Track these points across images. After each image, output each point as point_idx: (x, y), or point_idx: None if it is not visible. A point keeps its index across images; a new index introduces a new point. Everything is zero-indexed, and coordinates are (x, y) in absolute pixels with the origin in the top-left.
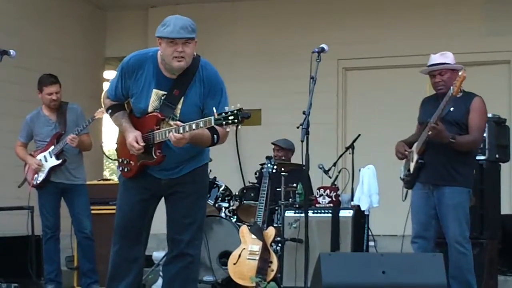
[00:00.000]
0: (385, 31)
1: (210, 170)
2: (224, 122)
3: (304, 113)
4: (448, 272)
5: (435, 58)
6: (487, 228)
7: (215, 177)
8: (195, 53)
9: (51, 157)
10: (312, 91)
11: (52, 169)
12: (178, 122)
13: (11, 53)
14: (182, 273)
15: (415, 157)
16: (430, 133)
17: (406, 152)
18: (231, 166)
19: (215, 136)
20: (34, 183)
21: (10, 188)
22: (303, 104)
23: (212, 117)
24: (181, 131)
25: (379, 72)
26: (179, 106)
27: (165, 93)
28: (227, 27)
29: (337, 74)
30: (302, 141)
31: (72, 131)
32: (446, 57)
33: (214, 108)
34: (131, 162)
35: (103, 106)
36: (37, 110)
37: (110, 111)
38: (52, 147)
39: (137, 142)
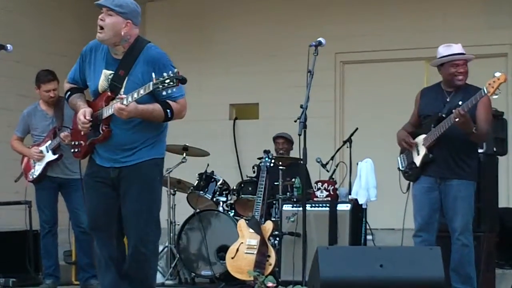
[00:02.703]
0: (383, 24)
1: (208, 165)
2: (161, 86)
3: (301, 107)
4: (449, 265)
5: (458, 48)
6: (485, 221)
7: (212, 171)
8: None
9: (47, 151)
10: (310, 85)
11: (49, 164)
12: (123, 95)
13: (8, 48)
14: (139, 273)
15: (423, 150)
16: (457, 120)
17: (412, 143)
18: (229, 160)
19: (168, 111)
20: (31, 177)
21: (8, 183)
22: (301, 98)
23: (151, 83)
24: (124, 102)
25: (377, 66)
26: (124, 85)
27: (112, 72)
28: (224, 22)
29: (334, 67)
30: (299, 135)
31: (69, 126)
32: (463, 49)
33: (153, 74)
34: (81, 142)
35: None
36: (34, 105)
37: (68, 93)
38: (49, 141)
39: (84, 116)
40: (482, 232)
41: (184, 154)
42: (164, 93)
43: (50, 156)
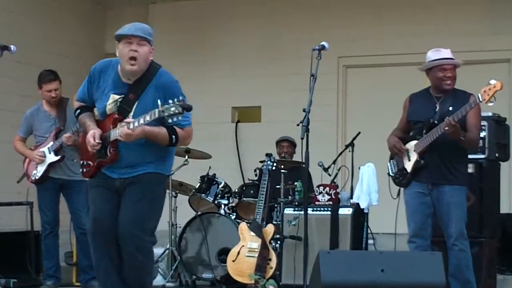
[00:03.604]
0: (385, 29)
1: (210, 167)
2: (166, 113)
3: (304, 110)
4: (448, 271)
5: (447, 53)
6: (486, 227)
7: (214, 174)
8: (151, 59)
9: (50, 153)
10: (313, 88)
11: (51, 165)
12: (130, 119)
13: (12, 49)
14: (136, 277)
15: (414, 156)
16: (447, 128)
17: (403, 149)
18: (231, 163)
19: (173, 136)
20: (33, 178)
21: (10, 183)
22: (303, 101)
23: (157, 110)
24: (131, 126)
25: (380, 70)
26: (133, 109)
27: (122, 96)
28: (227, 24)
29: (337, 71)
30: (302, 139)
31: (71, 127)
32: (452, 54)
33: (158, 100)
34: (89, 162)
35: (72, 107)
36: (37, 106)
37: (78, 111)
38: (51, 143)
39: (94, 139)
40: (484, 237)
41: (186, 156)
42: (170, 120)
43: (52, 158)
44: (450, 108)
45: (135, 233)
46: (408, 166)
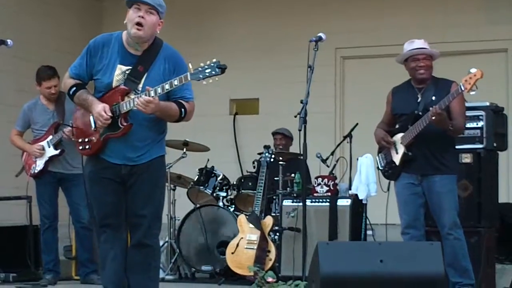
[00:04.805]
0: (383, 20)
1: (208, 160)
2: (201, 76)
3: (302, 102)
4: (444, 260)
5: (420, 43)
6: (485, 217)
7: (213, 166)
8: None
9: (49, 147)
10: (310, 80)
11: (50, 159)
12: (148, 87)
13: (9, 43)
14: (143, 264)
15: (401, 149)
16: (434, 118)
17: (391, 142)
18: (229, 155)
19: (182, 110)
20: (32, 172)
21: (8, 178)
22: (301, 93)
23: (188, 73)
24: (152, 94)
25: (377, 61)
26: (142, 81)
27: (130, 68)
28: (225, 17)
29: (335, 63)
30: (299, 130)
31: (70, 120)
32: (427, 45)
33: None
34: (92, 138)
35: (63, 86)
36: (35, 99)
37: (74, 89)
38: (51, 136)
39: (105, 113)
40: (482, 227)
41: (184, 149)
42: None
43: (52, 151)
44: (433, 98)
45: (148, 220)
46: (397, 159)
